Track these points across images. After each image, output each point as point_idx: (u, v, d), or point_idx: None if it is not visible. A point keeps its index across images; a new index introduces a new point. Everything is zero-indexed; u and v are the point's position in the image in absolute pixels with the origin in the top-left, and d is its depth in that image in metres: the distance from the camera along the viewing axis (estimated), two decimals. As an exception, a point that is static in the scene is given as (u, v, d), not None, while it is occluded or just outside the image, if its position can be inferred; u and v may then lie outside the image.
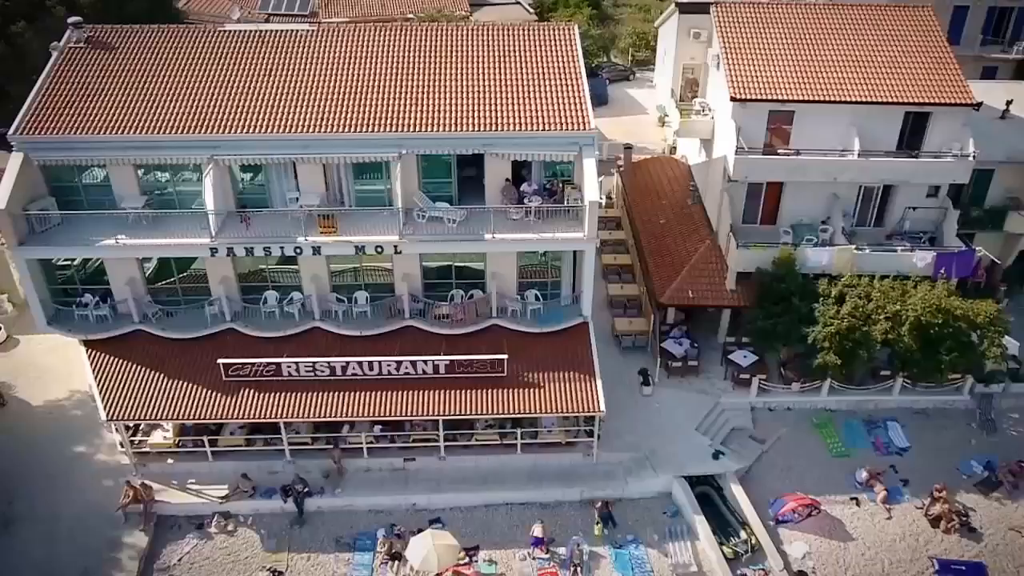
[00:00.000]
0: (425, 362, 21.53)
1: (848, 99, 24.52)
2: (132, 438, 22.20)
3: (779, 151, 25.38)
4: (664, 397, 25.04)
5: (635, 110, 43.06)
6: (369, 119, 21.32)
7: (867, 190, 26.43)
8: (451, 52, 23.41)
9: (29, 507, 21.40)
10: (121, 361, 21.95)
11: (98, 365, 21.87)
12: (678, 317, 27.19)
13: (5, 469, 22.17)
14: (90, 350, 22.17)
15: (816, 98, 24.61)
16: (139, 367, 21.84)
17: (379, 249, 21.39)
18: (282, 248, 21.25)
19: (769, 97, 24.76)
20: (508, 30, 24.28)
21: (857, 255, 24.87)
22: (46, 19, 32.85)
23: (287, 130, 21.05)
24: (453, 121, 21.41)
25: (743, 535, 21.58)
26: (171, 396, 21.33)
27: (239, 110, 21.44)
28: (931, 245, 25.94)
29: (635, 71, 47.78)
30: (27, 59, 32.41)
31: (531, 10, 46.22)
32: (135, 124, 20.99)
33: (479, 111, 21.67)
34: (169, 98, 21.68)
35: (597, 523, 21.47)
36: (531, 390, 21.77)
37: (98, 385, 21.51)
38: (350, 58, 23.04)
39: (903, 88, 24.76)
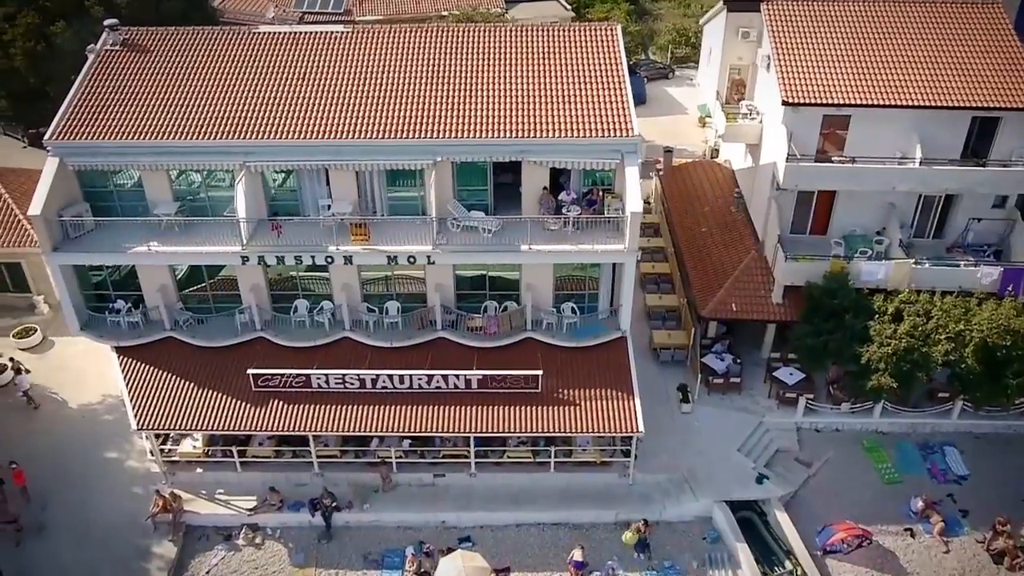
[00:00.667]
0: (457, 376, 20.85)
1: (910, 103, 23.00)
2: (162, 447, 22.03)
3: (833, 158, 24.03)
4: (704, 415, 23.99)
5: (674, 110, 41.71)
6: (404, 124, 20.66)
7: (927, 199, 24.85)
8: (488, 54, 22.60)
9: (62, 513, 21.38)
10: (152, 369, 21.75)
11: (129, 372, 21.71)
12: (719, 330, 26.05)
13: (39, 473, 22.19)
14: (122, 357, 22.02)
15: (875, 102, 23.16)
16: (170, 375, 21.61)
17: (412, 259, 20.76)
18: (313, 257, 20.77)
19: (824, 101, 23.37)
20: (547, 30, 23.37)
21: (916, 269, 23.42)
22: (84, 19, 33.03)
23: (320, 136, 20.50)
24: (490, 127, 20.60)
25: (788, 565, 20.50)
26: (201, 406, 21.05)
27: (272, 115, 20.96)
28: (996, 259, 24.32)
29: (674, 69, 46.32)
30: (65, 59, 32.67)
31: (568, 6, 45.13)
32: (169, 130, 20.66)
33: (517, 116, 20.82)
34: (203, 103, 21.31)
35: (630, 534, 20.47)
36: (566, 408, 20.95)
37: (129, 393, 21.35)
38: (385, 60, 22.40)
39: (970, 91, 23.14)
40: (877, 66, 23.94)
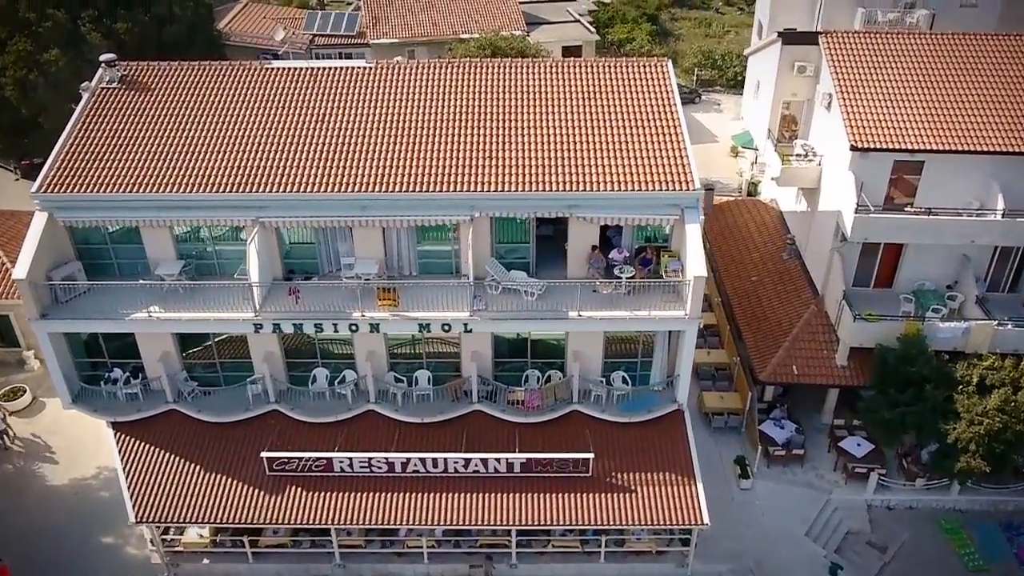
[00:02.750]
0: (498, 460, 18.54)
1: (993, 149, 20.87)
2: (164, 536, 19.65)
3: (906, 208, 21.84)
4: (766, 492, 21.69)
5: (703, 137, 39.51)
6: (437, 176, 18.40)
7: (1003, 250, 22.66)
8: (528, 93, 20.39)
9: (49, 609, 19.06)
10: (153, 448, 19.40)
11: (127, 452, 19.36)
12: (776, 392, 23.79)
13: (25, 561, 19.80)
14: (119, 433, 19.66)
15: (954, 147, 20.99)
16: (172, 456, 19.26)
17: (446, 327, 18.50)
18: (335, 325, 18.49)
19: (896, 146, 21.23)
20: (591, 67, 21.15)
21: (998, 331, 21.23)
22: (81, 46, 30.83)
23: (344, 189, 18.23)
24: (534, 178, 18.35)
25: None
26: (207, 494, 18.69)
27: (289, 165, 18.70)
28: (1082, 317, 22.15)
29: (700, 93, 44.24)
30: (61, 88, 30.45)
31: (592, 29, 43.06)
32: (172, 181, 18.37)
33: (564, 166, 18.59)
34: (211, 150, 19.05)
35: None
36: (620, 495, 18.64)
37: (127, 477, 19.00)
38: (414, 100, 20.16)
39: (1059, 136, 21.04)
40: (953, 106, 21.79)
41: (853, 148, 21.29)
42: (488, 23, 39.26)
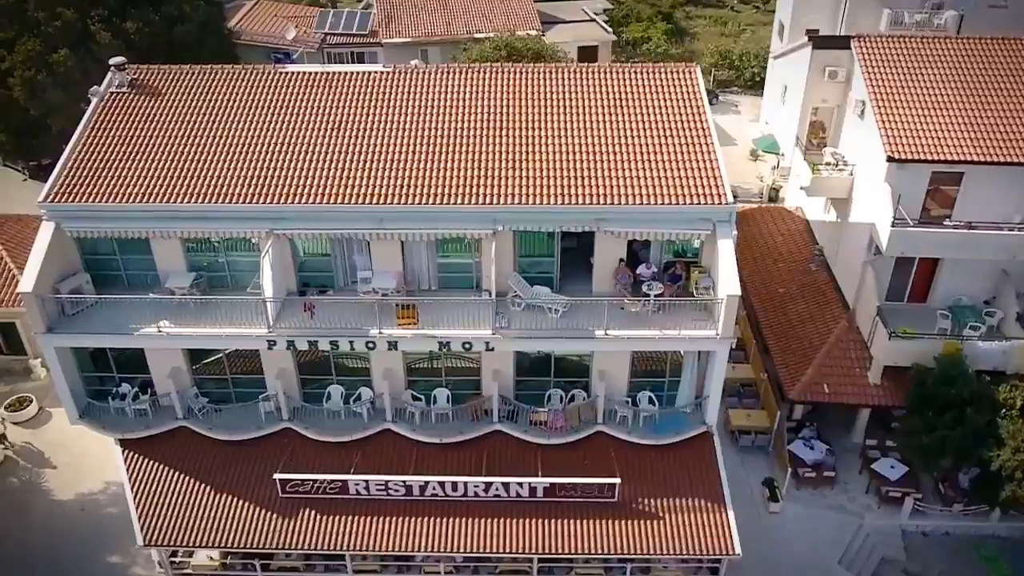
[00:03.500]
0: (520, 484, 17.80)
1: (1040, 161, 20.00)
2: (172, 559, 19.00)
3: (943, 221, 20.95)
4: (796, 516, 20.88)
5: (721, 140, 38.08)
6: (459, 187, 17.61)
7: (1044, 265, 21.84)
8: (552, 100, 19.59)
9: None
10: (161, 467, 18.74)
11: (135, 471, 18.72)
12: (805, 410, 22.97)
13: (28, 580, 19.27)
14: (126, 450, 19.02)
15: (995, 159, 20.10)
16: (182, 476, 18.60)
17: (467, 345, 17.76)
18: (351, 342, 17.78)
19: (935, 157, 20.34)
20: (617, 73, 20.32)
21: (1041, 351, 20.37)
22: (90, 46, 30.18)
23: (362, 200, 17.45)
24: (560, 191, 17.56)
25: None
26: (218, 516, 18.02)
27: (305, 174, 17.95)
28: None
29: (718, 94, 43.27)
30: (70, 88, 29.80)
31: (608, 29, 42.15)
32: (184, 191, 17.65)
33: (591, 178, 17.80)
34: (223, 158, 18.32)
35: None
36: (647, 522, 17.87)
37: (135, 497, 18.35)
38: (433, 107, 19.39)
39: (1107, 147, 20.11)
40: (994, 115, 20.87)
41: (890, 159, 20.41)
42: (502, 22, 38.42)
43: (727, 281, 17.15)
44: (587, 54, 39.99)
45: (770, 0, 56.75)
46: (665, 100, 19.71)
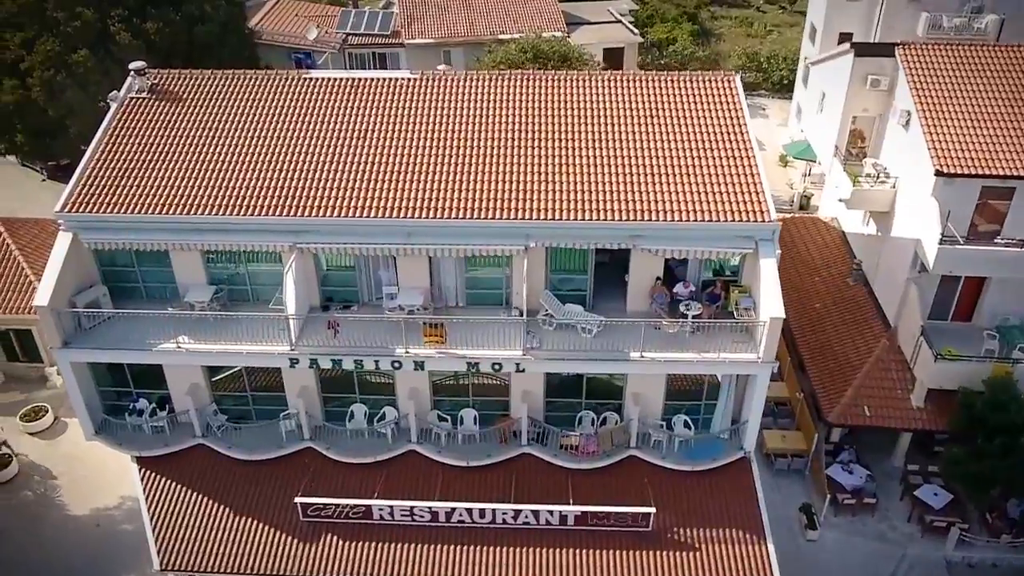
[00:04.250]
0: (551, 512, 17.09)
1: (1098, 177, 19.03)
2: (189, 581, 18.46)
3: (995, 239, 20.00)
4: (834, 544, 20.05)
5: (750, 145, 37.65)
6: (490, 202, 16.87)
7: (1097, 284, 20.85)
8: (586, 110, 18.82)
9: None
10: (179, 487, 18.17)
11: (152, 490, 18.16)
12: (843, 432, 22.08)
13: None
14: (143, 469, 18.46)
15: (1052, 174, 19.20)
16: (200, 496, 18.03)
17: (497, 367, 17.06)
18: (376, 361, 17.13)
19: (986, 171, 19.42)
20: (653, 82, 19.51)
21: (1096, 376, 19.42)
22: (110, 46, 29.73)
23: (389, 213, 16.78)
24: (595, 206, 16.78)
25: None
26: (238, 539, 17.42)
27: (329, 186, 17.29)
28: None
29: (745, 97, 42.23)
30: (89, 89, 29.38)
31: (635, 30, 41.26)
32: (205, 202, 17.01)
33: (627, 193, 17.01)
34: (246, 167, 17.68)
35: None
36: (683, 553, 17.10)
37: (151, 518, 17.80)
38: (463, 115, 18.67)
39: None
40: (1049, 127, 19.95)
41: (938, 173, 19.50)
42: (527, 23, 37.68)
43: (770, 302, 16.32)
44: (613, 56, 39.18)
45: (797, 1, 55.74)
46: (704, 111, 18.89)
